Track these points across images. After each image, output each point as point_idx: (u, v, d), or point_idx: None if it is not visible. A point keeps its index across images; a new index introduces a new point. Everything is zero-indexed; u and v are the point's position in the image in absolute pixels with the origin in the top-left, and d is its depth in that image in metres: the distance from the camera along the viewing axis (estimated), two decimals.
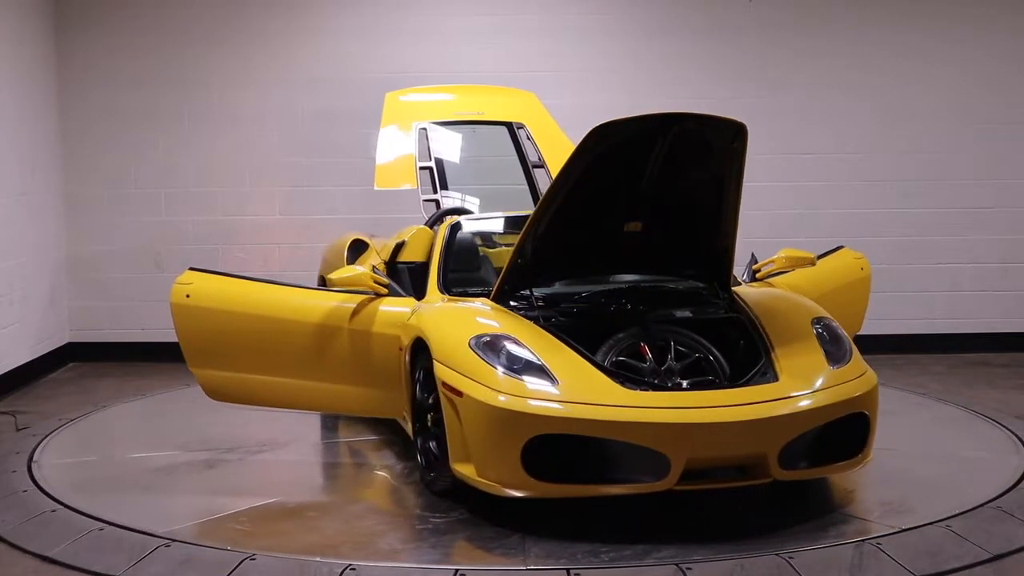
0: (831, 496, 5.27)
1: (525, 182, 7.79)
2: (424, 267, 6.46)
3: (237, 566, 4.49)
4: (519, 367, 4.91)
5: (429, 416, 5.34)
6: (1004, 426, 6.55)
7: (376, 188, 7.28)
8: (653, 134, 5.15)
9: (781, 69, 9.08)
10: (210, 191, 9.14)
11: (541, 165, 7.82)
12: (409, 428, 5.68)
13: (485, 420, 4.80)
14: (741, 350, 5.34)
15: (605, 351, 5.20)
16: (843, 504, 5.16)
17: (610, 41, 9.11)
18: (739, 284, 6.15)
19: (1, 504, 5.39)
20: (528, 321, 5.31)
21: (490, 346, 5.02)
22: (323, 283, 7.29)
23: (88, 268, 9.21)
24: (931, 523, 4.86)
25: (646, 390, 4.90)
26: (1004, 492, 5.30)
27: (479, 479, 4.87)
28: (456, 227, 6.39)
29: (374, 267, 6.58)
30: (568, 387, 4.82)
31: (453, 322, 5.38)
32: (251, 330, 5.91)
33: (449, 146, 7.63)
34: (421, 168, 7.28)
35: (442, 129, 7.62)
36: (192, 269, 6.10)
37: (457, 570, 4.45)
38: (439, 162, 7.42)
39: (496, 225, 6.78)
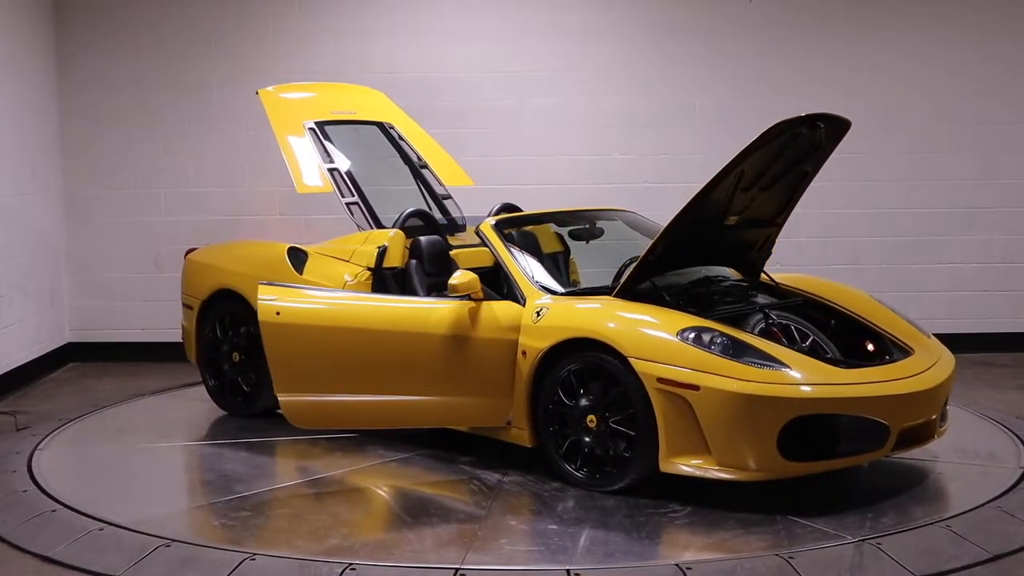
0: (831, 496, 5.27)
1: (413, 182, 7.61)
2: (404, 272, 6.41)
3: (237, 566, 4.49)
4: (747, 355, 5.05)
5: (590, 418, 5.31)
6: (1004, 426, 6.55)
7: (298, 192, 7.16)
8: (796, 133, 5.33)
9: (781, 69, 9.07)
10: (210, 191, 9.14)
11: (426, 165, 7.70)
12: (526, 434, 5.61)
13: (737, 409, 4.90)
14: (832, 329, 5.79)
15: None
16: (843, 504, 5.15)
17: (610, 40, 9.09)
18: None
19: (1, 504, 5.39)
20: (691, 314, 5.42)
21: (700, 339, 5.09)
22: (214, 295, 7.01)
23: (88, 268, 9.21)
24: (931, 523, 4.88)
25: (847, 368, 5.24)
26: (1004, 492, 5.31)
27: (718, 468, 4.99)
28: (501, 224, 6.25)
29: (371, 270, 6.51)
30: (800, 370, 5.05)
31: (638, 319, 5.32)
32: (355, 346, 5.70)
33: (343, 146, 7.35)
34: (329, 169, 7.09)
35: (330, 129, 7.38)
36: (265, 284, 5.90)
37: (457, 569, 4.45)
38: (343, 163, 7.17)
39: (532, 222, 6.71)
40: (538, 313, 5.57)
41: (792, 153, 5.48)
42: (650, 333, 5.19)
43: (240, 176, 9.13)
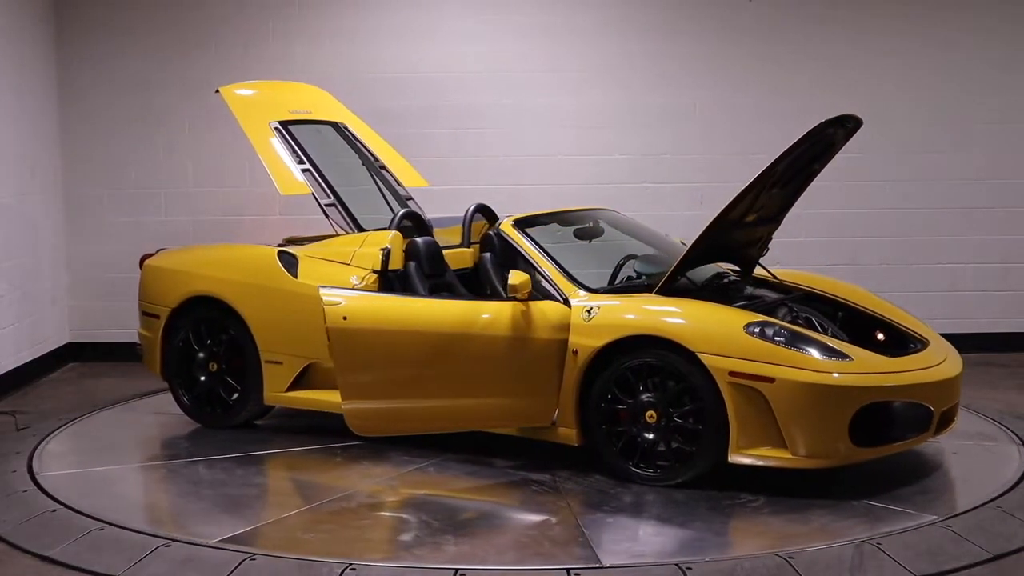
0: (831, 496, 5.27)
1: (372, 183, 7.46)
2: (405, 274, 6.39)
3: (237, 566, 4.49)
4: (812, 346, 5.19)
5: (649, 414, 5.36)
6: (1004, 426, 6.55)
7: (282, 194, 7.03)
8: (825, 133, 5.46)
9: (781, 69, 9.07)
10: (210, 191, 9.14)
11: (384, 166, 7.57)
12: (573, 433, 5.60)
13: (814, 399, 5.05)
14: (841, 321, 6.00)
15: None
16: (843, 504, 5.16)
17: (609, 40, 9.09)
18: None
19: (1, 504, 5.39)
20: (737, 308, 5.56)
21: (764, 332, 5.21)
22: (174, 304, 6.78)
23: (88, 268, 9.21)
24: (931, 523, 4.88)
25: (892, 357, 5.43)
26: (1004, 492, 5.31)
27: (790, 456, 5.12)
28: (520, 224, 6.25)
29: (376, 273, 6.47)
30: (860, 360, 5.24)
31: (700, 315, 5.40)
32: (426, 349, 5.67)
33: (308, 146, 7.12)
34: (303, 170, 6.90)
35: (293, 128, 7.15)
36: (325, 288, 5.76)
37: (457, 570, 4.45)
38: (315, 163, 6.98)
39: (541, 222, 6.65)
40: (588, 311, 5.57)
41: (812, 152, 5.59)
42: (717, 329, 5.27)
43: (240, 176, 9.12)
